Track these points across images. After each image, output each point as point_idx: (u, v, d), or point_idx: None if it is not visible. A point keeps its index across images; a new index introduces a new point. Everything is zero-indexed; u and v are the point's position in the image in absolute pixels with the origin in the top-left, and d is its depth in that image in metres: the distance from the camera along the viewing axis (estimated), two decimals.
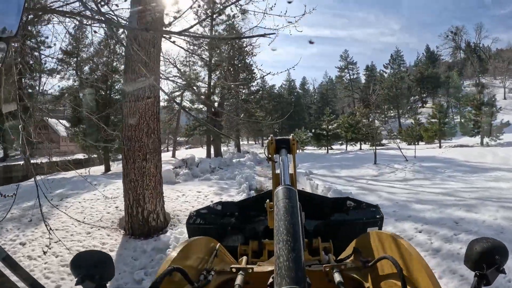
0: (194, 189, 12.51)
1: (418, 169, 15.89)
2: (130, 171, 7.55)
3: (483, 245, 1.01)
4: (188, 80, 30.40)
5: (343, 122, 37.19)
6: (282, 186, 1.10)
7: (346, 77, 76.19)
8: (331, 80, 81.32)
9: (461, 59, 76.59)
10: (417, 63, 78.46)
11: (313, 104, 77.55)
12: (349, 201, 2.93)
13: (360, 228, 2.64)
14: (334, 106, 70.64)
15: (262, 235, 2.69)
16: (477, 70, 68.96)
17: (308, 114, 72.09)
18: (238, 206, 3.11)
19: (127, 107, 7.54)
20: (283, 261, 0.74)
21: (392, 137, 46.39)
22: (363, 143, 37.05)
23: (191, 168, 18.32)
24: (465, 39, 77.01)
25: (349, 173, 16.20)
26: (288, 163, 1.80)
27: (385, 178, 14.28)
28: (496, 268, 0.98)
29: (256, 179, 17.11)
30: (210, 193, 11.70)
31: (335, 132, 36.85)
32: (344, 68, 76.00)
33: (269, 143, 2.14)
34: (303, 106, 73.31)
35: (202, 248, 1.69)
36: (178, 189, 12.65)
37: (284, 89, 74.69)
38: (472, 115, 31.45)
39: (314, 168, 19.36)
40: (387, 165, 17.47)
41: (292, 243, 0.80)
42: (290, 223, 0.88)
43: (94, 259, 0.96)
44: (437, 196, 9.83)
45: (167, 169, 15.61)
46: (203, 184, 13.94)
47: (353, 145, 37.95)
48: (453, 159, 18.72)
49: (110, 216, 8.76)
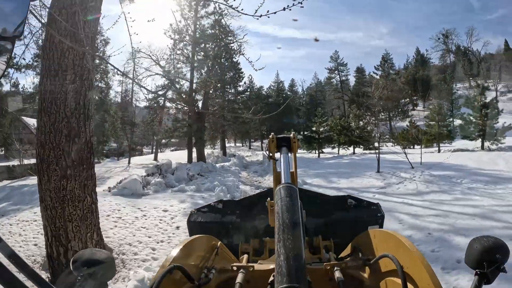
0: (161, 206, 10.01)
1: (429, 179, 13.62)
2: (45, 194, 5.01)
3: (484, 244, 1.01)
4: (172, 78, 28.33)
5: (335, 124, 34.90)
6: (283, 184, 1.06)
7: (336, 79, 74.26)
8: (320, 82, 79.56)
9: (451, 62, 75.62)
10: (407, 66, 77.26)
11: (302, 106, 75.70)
12: (350, 199, 2.96)
13: (361, 227, 2.46)
14: (324, 108, 68.85)
15: (263, 233, 2.67)
16: (468, 73, 68.05)
17: (297, 116, 70.25)
18: (239, 205, 3.14)
19: (41, 94, 5.03)
20: (283, 259, 0.73)
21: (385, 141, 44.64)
22: (357, 146, 34.80)
23: (165, 176, 15.68)
24: (455, 42, 76.11)
25: (350, 184, 13.81)
26: (289, 161, 1.72)
27: (394, 191, 11.92)
28: (497, 266, 0.98)
29: (241, 189, 14.69)
30: (179, 213, 9.18)
31: (328, 135, 34.59)
32: (334, 70, 74.04)
33: (269, 141, 2.04)
34: (292, 108, 71.48)
35: (203, 247, 1.69)
36: (141, 205, 10.14)
37: (273, 91, 72.46)
38: (473, 117, 29.53)
39: (307, 176, 16.93)
40: (392, 174, 15.12)
41: (292, 241, 0.78)
42: (290, 221, 0.85)
43: (96, 258, 0.94)
44: (474, 220, 7.58)
45: (132, 179, 13.03)
46: (174, 198, 11.44)
47: (346, 148, 35.63)
48: (464, 166, 16.54)
49: (37, 251, 6.24)
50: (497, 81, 63.45)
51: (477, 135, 29.14)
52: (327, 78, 76.28)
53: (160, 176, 15.81)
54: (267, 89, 70.73)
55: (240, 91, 39.83)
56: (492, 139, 28.19)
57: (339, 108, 70.02)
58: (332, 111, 69.39)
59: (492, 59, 67.35)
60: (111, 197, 11.88)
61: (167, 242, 6.85)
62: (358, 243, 1.75)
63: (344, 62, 73.72)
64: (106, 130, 26.90)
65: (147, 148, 57.23)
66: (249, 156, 37.76)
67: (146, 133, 35.34)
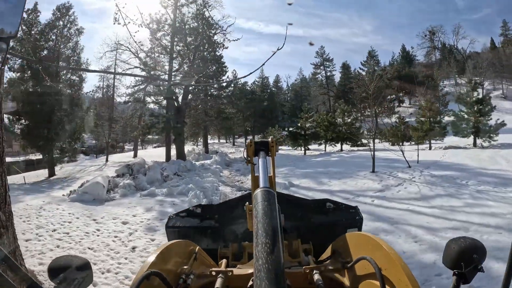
0: (122, 216, 8.36)
1: (431, 180, 12.23)
2: None
3: (461, 244, 1.04)
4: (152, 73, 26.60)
5: (322, 120, 33.45)
6: (261, 189, 1.05)
7: (322, 74, 73.00)
8: (305, 78, 78.35)
9: (437, 60, 75.43)
10: (392, 63, 76.63)
11: (287, 102, 74.45)
12: (329, 202, 3.01)
13: (340, 230, 2.56)
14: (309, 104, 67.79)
15: (242, 237, 2.69)
16: (454, 71, 67.90)
17: (281, 112, 69.10)
18: (218, 209, 3.12)
19: None
20: (262, 264, 0.73)
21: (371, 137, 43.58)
22: (344, 143, 33.46)
23: (136, 177, 13.93)
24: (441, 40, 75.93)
25: (343, 186, 12.26)
26: (267, 165, 1.74)
27: (395, 195, 10.43)
28: (475, 266, 1.00)
29: (221, 191, 13.10)
30: (140, 226, 7.53)
31: (314, 131, 33.12)
32: (319, 65, 72.76)
33: (248, 146, 2.11)
34: (277, 104, 70.24)
35: (181, 252, 1.66)
36: (99, 215, 8.49)
37: (257, 86, 70.87)
38: (465, 114, 28.43)
39: (294, 176, 15.38)
40: (389, 174, 13.65)
41: (271, 245, 0.79)
42: (269, 225, 0.86)
43: (73, 264, 0.94)
44: (502, 235, 6.26)
45: (94, 182, 11.31)
46: (141, 205, 9.79)
47: (333, 145, 34.20)
48: (464, 165, 15.22)
49: None
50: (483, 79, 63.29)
51: (470, 132, 28.06)
52: (312, 74, 75.29)
53: (130, 177, 14.10)
54: (251, 84, 69.11)
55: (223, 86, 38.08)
56: (486, 136, 27.13)
57: (325, 104, 68.89)
58: (317, 107, 68.20)
59: (478, 57, 67.24)
60: (68, 204, 10.17)
61: (114, 272, 5.16)
62: (337, 246, 1.73)
63: (330, 58, 72.58)
64: (78, 127, 24.81)
65: (129, 145, 55.15)
66: (232, 153, 36.10)
67: (125, 129, 33.54)
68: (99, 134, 37.64)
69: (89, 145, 49.65)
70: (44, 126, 22.46)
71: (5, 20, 0.61)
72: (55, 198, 11.51)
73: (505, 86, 64.36)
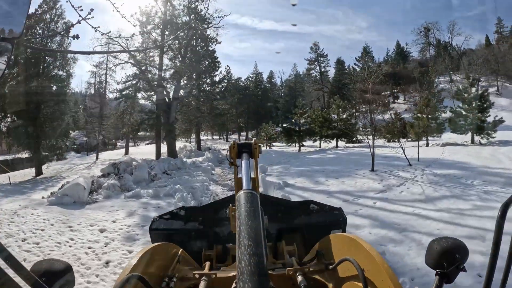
0: (100, 222, 7.62)
1: (434, 180, 11.58)
2: None
3: (443, 244, 1.04)
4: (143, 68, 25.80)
5: (317, 116, 32.73)
6: (244, 191, 1.03)
7: (316, 70, 72.24)
8: (299, 74, 77.63)
9: (431, 57, 75.20)
10: (387, 60, 76.20)
11: (280, 98, 73.73)
12: (313, 204, 2.95)
13: (324, 231, 2.37)
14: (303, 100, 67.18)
15: (226, 239, 2.63)
16: (449, 67, 67.76)
17: (275, 109, 68.39)
18: (201, 211, 3.10)
19: None
20: (245, 266, 0.72)
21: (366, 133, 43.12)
22: (340, 139, 32.78)
23: (122, 176, 13.10)
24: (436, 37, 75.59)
25: (341, 186, 11.52)
26: (251, 167, 1.77)
27: (397, 196, 9.72)
28: (457, 266, 1.01)
29: (212, 191, 12.39)
30: (118, 235, 6.76)
31: (309, 127, 32.40)
32: (314, 61, 71.96)
33: (231, 148, 2.08)
34: (271, 99, 69.55)
35: (164, 254, 1.65)
36: (75, 221, 7.73)
37: (251, 82, 70.02)
38: (463, 110, 27.88)
39: (289, 174, 14.64)
40: (389, 173, 12.96)
41: (253, 247, 0.78)
42: (251, 227, 0.85)
43: (54, 268, 0.93)
44: None
45: (74, 184, 10.48)
46: (123, 208, 9.04)
47: (328, 142, 33.49)
48: (466, 164, 14.62)
49: None
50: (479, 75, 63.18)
51: (468, 128, 27.54)
52: (306, 69, 74.35)
53: (116, 177, 13.28)
54: (245, 80, 68.36)
55: (216, 81, 37.19)
56: (484, 133, 26.64)
57: (319, 100, 68.19)
58: (311, 103, 67.63)
59: (473, 54, 67.06)
60: (45, 208, 9.38)
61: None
62: (321, 247, 1.74)
63: (324, 53, 71.79)
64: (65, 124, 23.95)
65: (122, 142, 54.26)
66: (225, 149, 35.27)
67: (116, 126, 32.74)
68: (90, 131, 36.81)
69: (80, 143, 48.69)
70: (29, 124, 21.76)
71: (10, 21, 0.60)
72: (33, 201, 10.71)
73: (500, 83, 64.18)
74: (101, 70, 39.49)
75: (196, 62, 30.75)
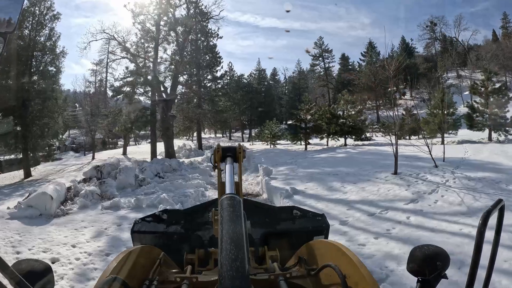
0: (59, 244, 5.95)
1: (469, 184, 9.78)
2: None
3: (425, 252, 1.05)
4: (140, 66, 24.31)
5: (324, 112, 30.90)
6: (226, 195, 1.06)
7: (321, 66, 70.47)
8: (303, 70, 75.98)
9: (437, 52, 73.58)
10: (392, 55, 74.49)
11: (284, 94, 72.18)
12: (296, 210, 2.91)
13: (307, 237, 2.48)
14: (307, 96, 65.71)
15: (208, 243, 2.61)
16: (455, 63, 66.32)
17: (279, 105, 66.82)
18: (184, 214, 3.02)
19: None
20: (226, 271, 0.73)
21: (374, 130, 41.52)
22: (348, 137, 31.05)
23: (104, 181, 11.35)
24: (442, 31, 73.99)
25: (362, 194, 9.64)
26: (234, 172, 1.74)
27: (433, 207, 7.92)
28: (438, 273, 1.01)
29: (208, 197, 10.82)
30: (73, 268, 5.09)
31: (316, 124, 30.56)
32: (318, 56, 70.18)
33: (215, 151, 2.13)
34: (274, 96, 68.08)
35: (145, 257, 1.62)
36: (27, 244, 6.11)
37: (254, 79, 68.41)
38: (480, 105, 26.06)
39: (297, 178, 12.83)
40: (416, 177, 11.10)
41: (235, 252, 0.78)
42: (234, 232, 0.85)
43: (34, 268, 0.92)
44: None
45: (41, 192, 8.77)
46: (94, 224, 7.38)
47: (336, 139, 31.61)
48: (498, 164, 12.88)
49: None
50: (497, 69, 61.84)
51: (485, 124, 25.79)
52: (310, 65, 72.72)
53: (98, 182, 11.55)
54: (248, 77, 66.91)
55: (218, 76, 35.52)
56: (503, 130, 24.90)
57: (324, 97, 66.60)
58: (316, 100, 66.05)
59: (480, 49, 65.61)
60: (1, 223, 7.65)
61: None
62: (303, 253, 1.74)
63: (329, 49, 69.98)
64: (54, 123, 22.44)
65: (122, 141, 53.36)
66: None
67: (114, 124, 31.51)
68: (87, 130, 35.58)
69: (79, 142, 47.59)
70: (16, 123, 20.41)
71: (4, 15, 0.59)
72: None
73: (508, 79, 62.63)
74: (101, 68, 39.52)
75: (196, 55, 29.27)
